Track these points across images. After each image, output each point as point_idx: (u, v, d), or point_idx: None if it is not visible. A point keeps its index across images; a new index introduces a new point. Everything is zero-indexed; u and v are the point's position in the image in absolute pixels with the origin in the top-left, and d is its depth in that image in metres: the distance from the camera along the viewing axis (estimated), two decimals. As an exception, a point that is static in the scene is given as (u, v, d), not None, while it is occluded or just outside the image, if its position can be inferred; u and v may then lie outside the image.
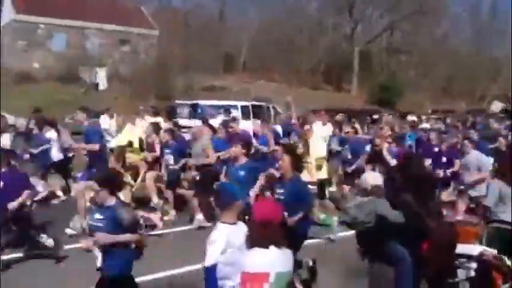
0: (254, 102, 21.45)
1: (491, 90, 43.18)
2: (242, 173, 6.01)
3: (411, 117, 18.80)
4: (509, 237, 4.80)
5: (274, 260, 2.73)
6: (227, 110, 13.70)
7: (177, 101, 19.98)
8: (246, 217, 3.64)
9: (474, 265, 4.49)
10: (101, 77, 29.22)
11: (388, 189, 4.50)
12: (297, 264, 4.75)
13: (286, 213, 4.63)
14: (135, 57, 32.12)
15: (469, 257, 4.61)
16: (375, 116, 20.42)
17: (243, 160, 6.12)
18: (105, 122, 12.72)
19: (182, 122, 14.52)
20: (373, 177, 4.63)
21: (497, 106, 31.78)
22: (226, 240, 3.16)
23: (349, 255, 6.35)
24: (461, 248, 4.59)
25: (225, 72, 37.09)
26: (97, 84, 28.90)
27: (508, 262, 4.40)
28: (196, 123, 12.28)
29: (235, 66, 39.89)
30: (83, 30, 31.13)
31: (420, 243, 4.37)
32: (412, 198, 4.38)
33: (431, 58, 43.67)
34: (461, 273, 4.54)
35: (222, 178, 7.31)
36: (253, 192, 5.59)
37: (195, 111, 16.94)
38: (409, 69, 45.19)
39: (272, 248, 2.74)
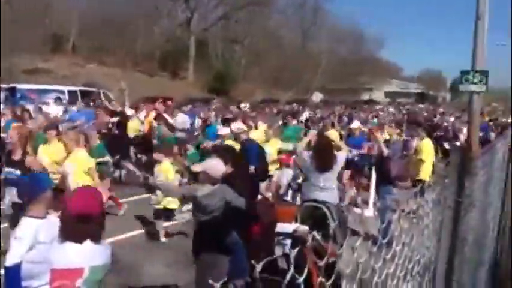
0: (83, 88, 20.25)
1: (314, 82, 47.47)
2: None
3: None
4: (318, 215, 5.34)
5: (89, 254, 2.56)
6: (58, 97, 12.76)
7: (-10, 85, 17.65)
8: None
9: (289, 241, 4.89)
10: None
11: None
12: None
13: None
14: None
15: (286, 235, 5.02)
16: None
17: None
18: None
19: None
20: (221, 165, 4.72)
21: (317, 96, 34.95)
22: (33, 236, 2.91)
23: (177, 245, 6.48)
24: (279, 227, 4.97)
25: (52, 54, 34.15)
26: None
27: (318, 237, 4.88)
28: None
29: (63, 48, 36.96)
30: None
31: (250, 227, 4.63)
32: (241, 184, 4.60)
33: (262, 48, 46.12)
34: (278, 250, 4.90)
35: None
36: None
37: (13, 97, 15.24)
38: (241, 59, 47.06)
39: (87, 242, 2.57)
